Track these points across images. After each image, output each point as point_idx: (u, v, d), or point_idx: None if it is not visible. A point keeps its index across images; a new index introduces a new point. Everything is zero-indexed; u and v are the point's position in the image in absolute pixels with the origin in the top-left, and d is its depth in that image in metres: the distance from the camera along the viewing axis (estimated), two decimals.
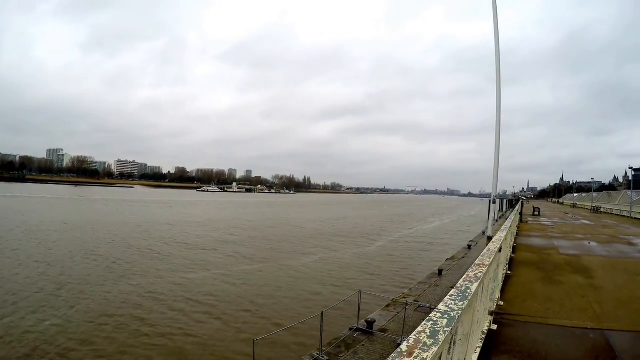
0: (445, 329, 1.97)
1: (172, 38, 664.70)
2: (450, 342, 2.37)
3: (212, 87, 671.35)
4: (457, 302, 2.46)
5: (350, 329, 10.28)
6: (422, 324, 1.98)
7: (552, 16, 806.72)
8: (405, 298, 12.89)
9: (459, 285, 2.80)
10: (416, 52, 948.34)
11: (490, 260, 4.38)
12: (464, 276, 3.19)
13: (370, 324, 10.25)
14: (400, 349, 1.66)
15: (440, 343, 1.83)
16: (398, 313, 11.44)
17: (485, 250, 5.16)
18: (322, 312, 9.42)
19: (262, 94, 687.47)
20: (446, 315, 2.18)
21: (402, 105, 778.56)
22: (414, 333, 1.83)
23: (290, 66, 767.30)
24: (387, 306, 12.57)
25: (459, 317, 2.25)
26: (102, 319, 14.44)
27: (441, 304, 2.35)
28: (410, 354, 1.61)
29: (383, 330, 10.07)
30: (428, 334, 1.89)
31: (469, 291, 2.75)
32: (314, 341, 10.10)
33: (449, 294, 2.59)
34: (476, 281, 3.03)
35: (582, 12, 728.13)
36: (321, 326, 9.11)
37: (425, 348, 1.76)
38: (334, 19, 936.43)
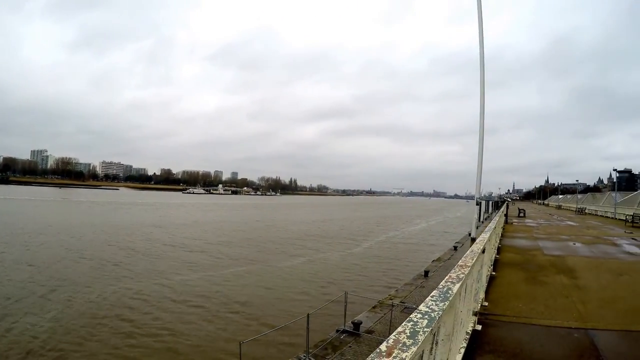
0: (425, 329, 1.98)
1: (160, 39, 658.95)
2: (432, 343, 2.40)
3: (199, 88, 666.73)
4: (438, 302, 2.48)
5: (337, 331, 10.30)
6: (402, 324, 1.99)
7: (538, 23, 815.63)
8: (391, 299, 12.96)
9: (440, 286, 2.84)
10: (403, 56, 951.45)
11: (473, 261, 4.41)
12: (446, 277, 3.21)
13: (356, 325, 10.27)
14: (380, 349, 1.67)
15: (420, 343, 1.84)
16: (384, 314, 11.48)
17: (468, 252, 5.20)
18: (308, 314, 9.43)
19: (249, 96, 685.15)
20: (427, 316, 2.19)
21: (388, 107, 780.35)
22: (394, 333, 1.85)
23: (278, 68, 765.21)
24: (374, 308, 12.62)
25: (439, 317, 2.26)
26: (88, 321, 14.32)
27: (422, 304, 2.37)
28: (389, 354, 1.62)
29: (369, 331, 10.11)
30: (408, 334, 1.90)
31: (450, 292, 2.76)
32: (301, 343, 10.12)
33: (431, 294, 2.62)
34: (458, 282, 3.06)
35: (568, 19, 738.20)
36: (307, 328, 9.11)
37: (405, 348, 1.76)
38: (322, 22, 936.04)
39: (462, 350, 5.05)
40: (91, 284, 19.08)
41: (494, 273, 11.44)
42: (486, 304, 8.15)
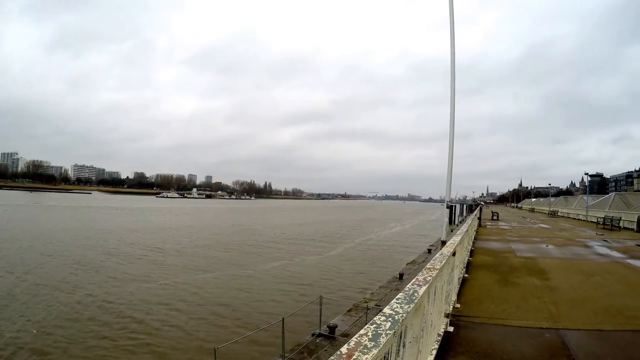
0: (388, 331, 1.98)
1: (140, 41, 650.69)
2: (399, 345, 2.41)
3: (176, 91, 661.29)
4: (403, 305, 2.49)
5: (313, 335, 10.30)
6: (365, 327, 2.01)
7: (515, 31, 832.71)
8: (366, 302, 13.00)
9: (406, 289, 2.88)
10: (382, 62, 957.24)
11: (442, 264, 4.43)
12: (413, 280, 3.22)
13: (332, 329, 10.29)
14: (340, 351, 1.67)
15: (381, 346, 1.84)
16: (360, 317, 11.53)
17: (437, 255, 5.22)
18: (283, 318, 9.43)
19: (227, 99, 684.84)
20: (390, 319, 2.19)
21: (365, 112, 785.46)
22: (356, 336, 1.87)
23: (256, 72, 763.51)
24: (349, 311, 12.65)
25: (403, 320, 2.27)
26: (55, 330, 14.07)
27: (387, 307, 2.39)
28: (349, 357, 1.61)
29: (345, 335, 10.12)
30: (370, 336, 1.89)
31: (416, 294, 2.78)
32: (277, 347, 10.09)
33: (396, 297, 2.65)
34: (425, 285, 3.07)
35: (544, 29, 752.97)
36: (283, 332, 9.11)
37: (366, 351, 1.76)
38: (302, 27, 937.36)
39: (434, 352, 5.07)
40: (58, 292, 18.70)
41: (466, 275, 11.54)
42: (458, 305, 8.21)
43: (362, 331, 1.91)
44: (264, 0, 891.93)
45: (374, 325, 2.01)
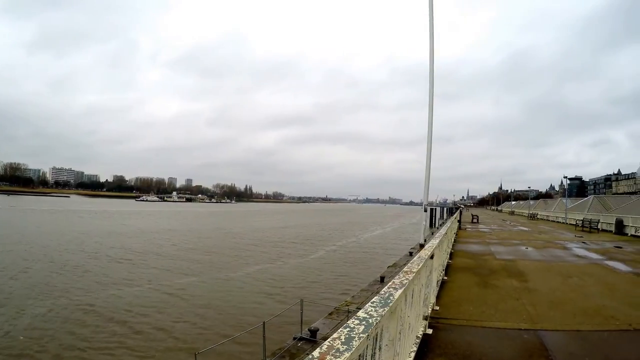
0: (361, 335, 1.98)
1: (124, 42, 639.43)
2: (373, 348, 2.41)
3: (159, 94, 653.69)
4: (377, 308, 2.49)
5: (294, 338, 10.29)
6: (339, 330, 2.02)
7: (496, 38, 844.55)
8: (347, 306, 13.02)
9: (382, 292, 2.90)
10: (365, 66, 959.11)
11: (419, 267, 4.45)
12: (390, 283, 3.25)
13: (313, 332, 10.29)
14: (312, 355, 1.65)
15: (354, 349, 1.84)
16: (341, 321, 11.53)
17: (415, 258, 5.25)
18: (264, 322, 9.41)
19: (210, 102, 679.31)
20: (364, 322, 2.19)
21: (348, 116, 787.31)
22: (329, 340, 1.88)
23: (240, 75, 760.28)
24: (330, 314, 12.66)
25: (377, 323, 2.27)
26: (34, 333, 13.96)
27: (361, 310, 2.41)
28: None
29: (326, 338, 10.09)
30: (343, 340, 1.90)
31: (391, 297, 2.79)
32: (258, 351, 10.04)
33: (371, 300, 2.67)
34: (401, 288, 3.11)
35: (525, 37, 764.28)
36: (264, 336, 9.09)
37: (338, 354, 1.76)
38: (288, 31, 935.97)
39: (412, 354, 5.09)
40: (36, 296, 18.49)
41: (445, 278, 11.60)
42: (437, 308, 8.25)
43: (335, 335, 1.90)
44: (250, 4, 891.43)
45: (347, 329, 2.02)
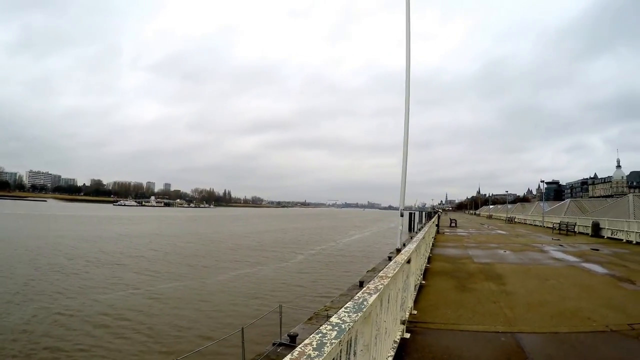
0: (333, 340, 1.97)
1: (105, 45, 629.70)
2: (348, 353, 2.40)
3: (139, 97, 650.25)
4: (351, 314, 2.49)
5: (274, 344, 10.22)
6: (310, 336, 2.01)
7: (474, 47, 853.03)
8: (327, 311, 12.99)
9: (356, 298, 2.91)
10: (345, 73, 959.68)
11: (395, 271, 4.45)
12: (364, 288, 3.27)
13: (293, 338, 10.24)
14: None
15: (325, 355, 1.82)
16: (321, 326, 11.51)
17: (391, 262, 5.26)
18: (242, 328, 9.34)
19: (190, 107, 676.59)
20: (337, 328, 2.19)
21: (327, 121, 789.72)
22: (300, 345, 1.86)
23: (221, 80, 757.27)
24: (310, 319, 12.62)
25: (350, 328, 2.26)
26: (15, 336, 13.71)
27: (334, 316, 2.41)
28: None
29: None
30: (314, 346, 1.88)
31: (365, 303, 2.79)
32: (237, 358, 9.96)
33: (345, 306, 2.67)
34: (375, 293, 3.14)
35: (502, 45, 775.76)
36: (242, 342, 9.03)
37: None
38: (269, 37, 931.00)
39: (390, 359, 5.14)
40: (16, 300, 18.14)
41: (424, 282, 11.67)
42: (415, 312, 8.29)
43: (307, 340, 1.87)
44: (231, 9, 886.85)
45: (320, 335, 2.02)
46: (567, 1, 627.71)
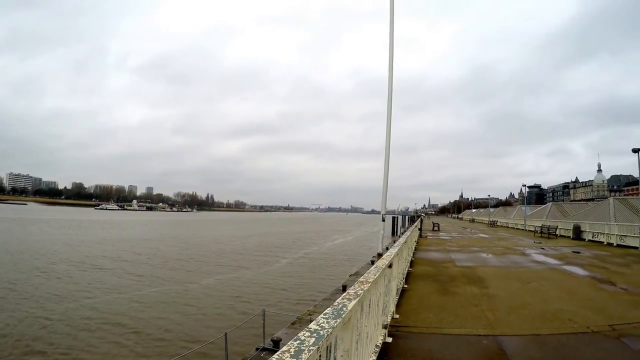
0: (311, 347, 1.94)
1: (92, 46, 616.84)
2: (328, 359, 2.40)
3: (125, 100, 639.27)
4: (329, 320, 2.49)
5: (257, 349, 10.18)
6: (288, 343, 1.99)
7: (459, 54, 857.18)
8: (310, 315, 12.96)
9: (335, 304, 2.91)
10: (332, 78, 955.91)
11: (376, 276, 4.43)
12: (344, 293, 3.33)
13: (276, 342, 10.19)
14: None
15: None
16: None
17: (372, 268, 5.25)
18: (225, 334, 9.31)
19: (176, 110, 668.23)
20: (315, 334, 2.18)
21: (313, 125, 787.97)
22: (278, 353, 1.84)
23: (207, 83, 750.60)
24: (293, 324, 12.58)
25: (329, 335, 2.25)
26: None
27: (313, 322, 2.41)
28: None
29: None
30: (292, 353, 1.86)
31: (345, 309, 2.78)
32: None
33: (324, 312, 2.67)
34: (355, 298, 3.15)
35: (486, 53, 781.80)
36: (226, 348, 9.00)
37: None
38: (256, 41, 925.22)
39: None
40: None
41: (406, 286, 11.71)
42: (397, 316, 8.30)
43: (284, 348, 1.85)
44: (219, 12, 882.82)
45: (298, 342, 2.01)
46: (553, 10, 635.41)
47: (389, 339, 6.71)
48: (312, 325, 2.31)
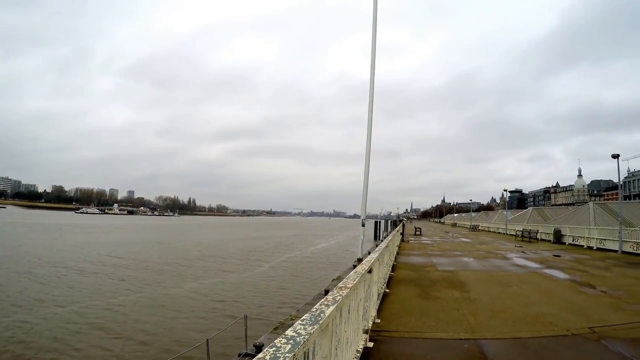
0: (287, 354, 1.92)
1: (77, 48, 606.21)
2: None
3: (109, 102, 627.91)
4: (306, 326, 2.48)
5: (239, 355, 10.13)
6: (264, 350, 1.98)
7: (442, 61, 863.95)
8: (292, 320, 12.92)
9: (313, 310, 2.90)
10: (316, 83, 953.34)
11: (355, 282, 4.43)
12: (323, 299, 3.35)
13: (259, 348, 10.09)
14: None
15: None
16: None
17: (351, 273, 5.27)
18: (207, 340, 9.24)
19: (160, 113, 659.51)
20: (291, 341, 2.15)
21: (297, 130, 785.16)
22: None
23: (192, 87, 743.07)
24: (275, 329, 12.51)
25: (306, 341, 2.23)
26: None
27: (289, 329, 2.41)
28: None
29: None
30: None
31: (322, 315, 2.78)
32: None
33: (301, 318, 2.66)
34: (333, 304, 3.15)
35: (469, 61, 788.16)
36: (208, 354, 8.92)
37: None
38: (242, 45, 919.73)
39: None
40: None
41: (387, 290, 11.74)
42: (378, 321, 8.31)
43: (259, 355, 1.84)
44: (205, 16, 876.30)
45: (273, 349, 2.00)
46: (534, 20, 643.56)
47: (370, 344, 6.71)
48: (289, 332, 2.29)
